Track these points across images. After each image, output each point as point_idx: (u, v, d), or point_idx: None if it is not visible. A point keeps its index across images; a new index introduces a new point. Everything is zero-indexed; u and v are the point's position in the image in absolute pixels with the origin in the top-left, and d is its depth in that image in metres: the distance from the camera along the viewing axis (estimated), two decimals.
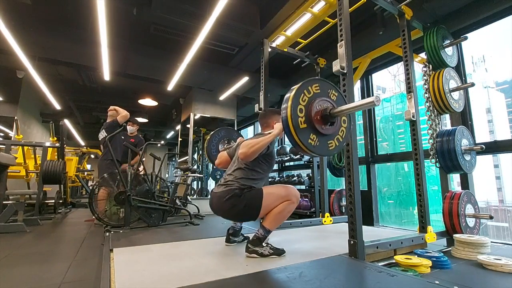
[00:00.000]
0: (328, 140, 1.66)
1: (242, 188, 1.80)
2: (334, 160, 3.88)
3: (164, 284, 1.29)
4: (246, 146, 1.73)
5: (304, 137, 1.55)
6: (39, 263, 1.83)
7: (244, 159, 1.79)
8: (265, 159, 1.91)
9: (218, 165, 2.27)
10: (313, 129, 1.58)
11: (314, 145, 1.58)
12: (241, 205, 1.76)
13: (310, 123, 1.58)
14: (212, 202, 1.90)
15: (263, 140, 1.75)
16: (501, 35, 4.65)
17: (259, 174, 1.90)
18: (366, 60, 3.51)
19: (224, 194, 1.80)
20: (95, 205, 3.02)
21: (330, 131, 1.65)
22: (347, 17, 1.99)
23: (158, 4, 3.20)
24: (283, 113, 1.53)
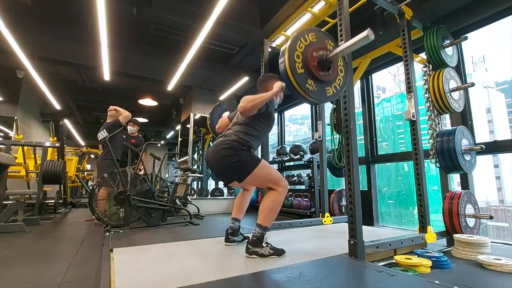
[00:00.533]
0: (326, 87, 1.75)
1: (240, 143, 1.81)
2: (334, 160, 3.87)
3: (164, 284, 1.29)
4: (246, 100, 1.74)
5: (302, 81, 1.63)
6: (39, 263, 1.83)
7: (244, 113, 1.80)
8: (264, 118, 1.94)
9: (218, 129, 2.25)
10: (311, 75, 1.67)
11: (312, 90, 1.67)
12: (234, 159, 1.77)
13: (308, 69, 1.66)
14: (209, 151, 1.91)
15: (263, 96, 1.78)
16: (501, 35, 4.65)
17: (257, 132, 1.92)
18: (366, 60, 3.51)
19: (221, 143, 1.82)
20: (95, 205, 3.02)
21: (328, 77, 1.74)
22: (347, 17, 1.99)
23: (158, 4, 3.20)
24: (280, 59, 1.61)
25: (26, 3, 3.34)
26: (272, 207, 1.80)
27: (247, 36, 3.82)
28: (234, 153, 1.78)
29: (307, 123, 17.78)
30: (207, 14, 3.19)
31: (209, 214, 4.56)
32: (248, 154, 1.83)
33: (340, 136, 3.77)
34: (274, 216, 1.84)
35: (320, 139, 3.58)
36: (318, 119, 3.66)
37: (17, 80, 5.26)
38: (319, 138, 3.59)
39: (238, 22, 3.55)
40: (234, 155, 1.78)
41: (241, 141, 1.82)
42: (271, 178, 1.84)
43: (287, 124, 8.18)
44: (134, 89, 6.42)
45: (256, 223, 1.81)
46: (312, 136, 5.01)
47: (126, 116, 3.51)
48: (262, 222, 1.79)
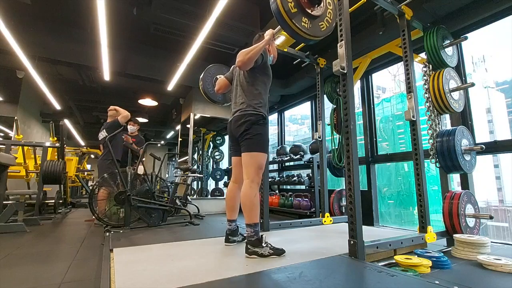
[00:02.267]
0: (319, 22, 1.89)
1: (257, 115, 1.93)
2: (334, 160, 3.88)
3: (164, 284, 1.29)
4: (242, 54, 1.86)
5: (298, 20, 1.76)
6: (39, 263, 1.83)
7: (242, 67, 1.91)
8: (262, 70, 2.03)
9: (218, 90, 2.29)
10: (304, 13, 1.80)
11: (308, 27, 1.80)
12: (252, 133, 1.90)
13: (300, 6, 1.78)
14: (231, 125, 2.03)
15: (256, 46, 1.88)
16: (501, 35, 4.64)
17: (261, 87, 2.02)
18: (366, 60, 3.51)
19: (240, 117, 1.95)
20: (95, 205, 3.02)
21: (319, 12, 1.87)
22: (347, 17, 1.99)
23: (158, 4, 3.20)
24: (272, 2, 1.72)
25: (26, 3, 3.34)
26: (251, 202, 1.84)
27: (247, 36, 3.81)
28: (251, 127, 1.90)
29: (307, 123, 17.77)
30: (207, 14, 3.19)
31: (209, 214, 4.56)
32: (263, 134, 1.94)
33: (340, 136, 3.77)
34: (257, 210, 1.87)
35: (320, 139, 3.58)
36: (318, 119, 3.66)
37: (17, 80, 5.26)
38: (319, 138, 3.60)
39: (238, 22, 3.55)
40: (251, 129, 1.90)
41: (257, 111, 1.93)
42: (255, 170, 1.89)
43: (287, 124, 8.18)
44: (134, 89, 6.42)
45: (245, 224, 1.84)
46: (312, 136, 5.01)
47: (125, 116, 3.51)
48: (250, 221, 1.82)
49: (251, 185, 1.86)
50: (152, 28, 3.82)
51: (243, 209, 1.86)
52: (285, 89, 5.23)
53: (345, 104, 1.90)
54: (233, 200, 2.15)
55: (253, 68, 1.95)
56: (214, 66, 3.08)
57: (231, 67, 2.35)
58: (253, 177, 1.88)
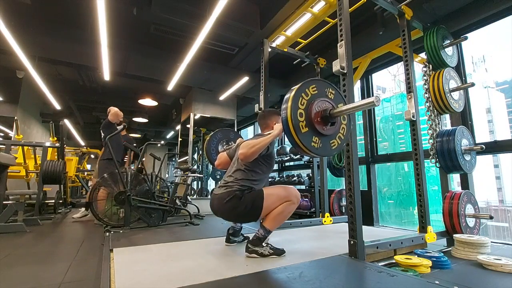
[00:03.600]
0: (331, 140, 1.68)
1: (242, 190, 1.79)
2: (334, 160, 3.88)
3: (164, 284, 1.29)
4: (246, 147, 1.73)
5: (307, 140, 1.56)
6: (39, 263, 1.83)
7: (244, 160, 1.78)
8: (265, 160, 1.91)
9: (218, 166, 2.27)
10: (315, 132, 1.59)
11: (317, 148, 1.60)
12: (242, 207, 1.75)
13: (311, 126, 1.58)
14: (213, 204, 1.89)
15: (263, 140, 1.75)
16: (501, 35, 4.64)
17: (259, 175, 1.89)
18: (366, 60, 3.51)
19: (224, 195, 1.79)
20: (95, 205, 3.02)
21: (332, 131, 1.66)
22: (347, 17, 1.99)
23: (158, 4, 3.20)
24: (283, 119, 1.53)
25: (26, 3, 3.34)
26: (283, 215, 1.80)
27: (247, 36, 3.81)
28: (238, 202, 1.76)
29: None
30: (207, 14, 3.19)
31: (209, 214, 4.55)
32: (250, 195, 1.79)
33: None
34: (282, 222, 1.85)
35: None
36: None
37: (17, 80, 5.26)
38: None
39: (238, 22, 3.55)
40: (239, 204, 1.76)
41: (243, 188, 1.80)
42: (280, 199, 1.80)
43: None
44: (134, 89, 6.42)
45: (262, 224, 1.82)
46: None
47: (113, 113, 3.42)
48: (268, 226, 1.79)
49: (294, 200, 1.81)
50: (152, 28, 3.82)
51: (272, 214, 1.79)
52: (285, 89, 5.23)
53: None
54: None
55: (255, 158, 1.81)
56: (221, 131, 3.10)
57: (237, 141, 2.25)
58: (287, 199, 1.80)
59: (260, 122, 2.07)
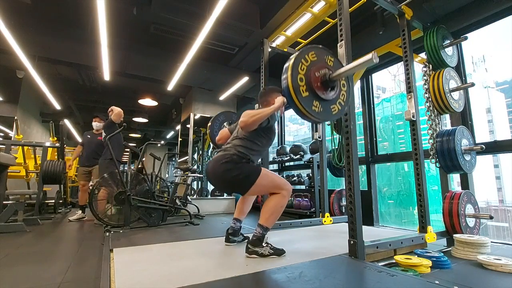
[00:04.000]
0: (331, 105, 1.75)
1: (240, 157, 1.81)
2: (334, 160, 3.88)
3: (164, 284, 1.29)
4: (247, 115, 1.74)
5: (308, 104, 1.63)
6: (39, 263, 1.83)
7: (245, 128, 1.79)
8: (265, 132, 1.92)
9: (218, 141, 2.26)
10: (316, 96, 1.67)
11: (318, 112, 1.67)
12: (235, 173, 1.76)
13: (312, 90, 1.65)
14: (208, 166, 1.89)
15: (264, 111, 1.76)
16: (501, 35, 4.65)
17: (257, 146, 1.91)
18: None
19: (221, 158, 1.81)
20: (95, 205, 3.02)
21: (332, 96, 1.74)
22: (347, 17, 1.99)
23: (158, 4, 3.20)
24: (284, 83, 1.59)
25: (26, 3, 3.34)
26: (275, 209, 1.81)
27: (247, 36, 3.81)
28: (234, 167, 1.77)
29: (307, 123, 17.75)
30: (207, 14, 3.19)
31: (209, 214, 4.56)
32: (248, 166, 1.82)
33: (340, 136, 3.77)
34: (277, 218, 1.85)
35: (320, 139, 3.58)
36: None
37: (17, 80, 5.26)
38: (319, 138, 3.60)
39: (238, 22, 3.55)
40: (234, 169, 1.77)
41: (240, 154, 1.82)
42: (273, 185, 1.83)
43: (287, 124, 8.18)
44: (134, 89, 6.42)
45: (258, 223, 1.82)
46: (312, 136, 5.01)
47: (116, 113, 3.42)
48: (264, 223, 1.80)
49: (284, 193, 1.83)
50: (152, 28, 3.82)
51: (265, 210, 1.82)
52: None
53: None
54: (244, 204, 2.16)
55: (256, 129, 1.83)
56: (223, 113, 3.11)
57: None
58: (280, 189, 1.83)
59: (261, 100, 2.07)
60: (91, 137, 3.97)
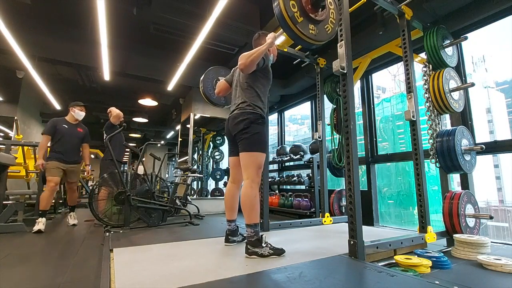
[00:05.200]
0: (325, 25, 1.88)
1: (256, 114, 1.94)
2: (334, 160, 3.88)
3: (164, 284, 1.29)
4: (244, 57, 1.83)
5: (306, 29, 1.74)
6: (39, 263, 1.83)
7: (244, 70, 1.88)
8: (263, 73, 2.03)
9: (218, 93, 2.31)
10: (310, 19, 1.78)
11: (316, 34, 1.79)
12: (253, 130, 1.90)
13: (305, 14, 1.76)
14: (228, 123, 2.04)
15: (259, 48, 1.84)
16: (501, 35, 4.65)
17: (260, 89, 2.02)
18: (366, 60, 3.51)
19: (238, 115, 1.95)
20: (95, 205, 3.02)
21: (323, 15, 1.85)
22: (347, 17, 1.99)
23: (158, 4, 3.20)
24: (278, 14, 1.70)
25: (26, 3, 3.34)
26: (251, 203, 1.83)
27: (247, 36, 3.81)
28: (252, 124, 1.90)
29: (307, 123, 17.79)
30: (207, 14, 3.19)
31: (209, 214, 4.56)
32: (261, 134, 1.94)
33: (340, 136, 3.77)
34: (258, 210, 1.87)
35: (320, 139, 3.58)
36: (318, 119, 3.66)
37: (17, 80, 5.26)
38: (319, 138, 3.60)
39: (238, 22, 3.55)
40: (250, 128, 1.90)
41: (255, 110, 1.94)
42: (255, 170, 1.89)
43: (287, 124, 8.18)
44: (134, 89, 6.42)
45: (245, 224, 1.84)
46: (312, 136, 5.01)
47: (115, 115, 3.44)
48: (250, 221, 1.82)
49: (252, 185, 1.86)
50: (152, 28, 3.82)
51: (243, 209, 1.86)
52: (285, 89, 5.23)
53: (345, 104, 1.90)
54: (232, 200, 2.16)
55: (254, 71, 1.94)
56: (212, 69, 3.08)
57: (232, 69, 2.34)
58: (253, 177, 1.88)
59: (255, 44, 2.14)
60: (70, 128, 3.35)
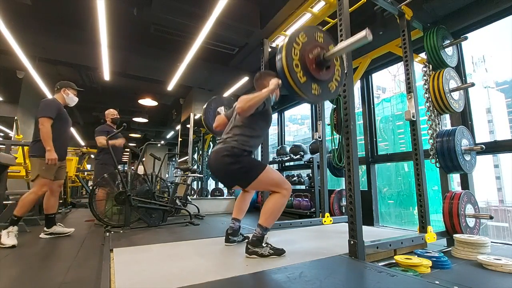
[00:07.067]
0: (328, 83, 1.75)
1: (241, 149, 1.81)
2: (334, 160, 3.88)
3: (164, 284, 1.29)
4: (244, 101, 1.74)
5: (307, 89, 1.63)
6: (39, 263, 1.83)
7: (242, 114, 1.79)
8: (262, 116, 1.93)
9: (216, 127, 2.24)
10: (313, 79, 1.66)
11: (318, 94, 1.67)
12: (237, 165, 1.78)
13: (309, 74, 1.64)
14: (210, 158, 1.91)
15: (260, 94, 1.75)
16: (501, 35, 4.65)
17: (256, 131, 1.92)
18: (366, 60, 3.51)
19: (222, 150, 1.82)
20: (95, 205, 3.02)
21: (328, 75, 1.73)
22: (347, 17, 1.99)
23: (158, 4, 3.20)
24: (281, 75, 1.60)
25: (26, 3, 3.34)
26: (275, 209, 1.81)
27: (247, 36, 3.82)
28: (236, 160, 1.78)
29: (307, 123, 17.79)
30: (207, 15, 3.20)
31: (209, 214, 4.56)
32: (250, 160, 1.84)
33: (340, 136, 3.77)
34: (276, 218, 1.85)
35: (320, 139, 3.58)
36: (318, 119, 3.66)
37: (17, 81, 5.26)
38: (319, 138, 3.60)
39: (238, 22, 3.55)
40: (236, 162, 1.78)
41: (241, 147, 1.82)
42: (274, 183, 1.84)
43: (287, 124, 8.19)
44: (134, 89, 6.43)
45: (258, 223, 1.82)
46: (312, 136, 5.01)
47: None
48: (263, 223, 1.79)
49: (284, 193, 1.83)
50: (152, 28, 3.82)
51: (265, 211, 1.81)
52: (285, 88, 5.22)
53: (345, 104, 1.90)
54: (243, 203, 2.17)
55: (252, 114, 1.82)
56: (215, 99, 3.12)
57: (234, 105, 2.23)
58: (279, 188, 1.83)
59: (256, 84, 2.07)
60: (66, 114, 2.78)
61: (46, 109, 2.57)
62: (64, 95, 2.79)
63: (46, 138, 2.45)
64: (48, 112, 2.56)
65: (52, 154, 2.44)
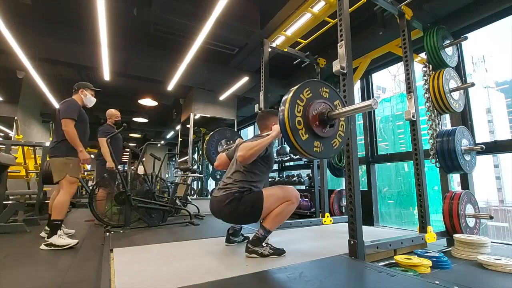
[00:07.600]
0: (332, 141, 1.67)
1: (241, 191, 1.79)
2: (334, 160, 3.88)
3: (164, 284, 1.29)
4: (245, 149, 1.72)
5: (309, 146, 1.55)
6: (40, 263, 1.84)
7: (243, 162, 1.77)
8: (264, 161, 1.90)
9: (217, 166, 2.27)
10: (316, 136, 1.58)
11: (320, 151, 1.59)
12: (241, 209, 1.75)
13: (311, 131, 1.56)
14: (213, 207, 1.90)
15: (261, 142, 1.73)
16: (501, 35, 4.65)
17: (258, 176, 1.89)
18: (366, 60, 3.51)
19: (223, 198, 1.78)
20: (95, 205, 3.02)
21: (331, 132, 1.65)
22: (347, 17, 1.99)
23: (158, 5, 3.20)
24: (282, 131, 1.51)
25: (26, 3, 3.34)
26: (282, 214, 1.80)
27: (247, 36, 3.82)
28: (238, 203, 1.76)
29: None
30: (207, 15, 3.19)
31: (209, 214, 4.54)
32: (250, 196, 1.79)
33: None
34: (281, 222, 1.85)
35: None
36: None
37: (17, 81, 5.26)
38: None
39: (238, 22, 3.55)
40: (239, 206, 1.76)
41: (242, 189, 1.80)
42: (280, 198, 1.81)
43: None
44: (134, 89, 6.42)
45: (261, 224, 1.82)
46: None
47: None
48: (268, 226, 1.79)
49: (293, 200, 1.82)
50: (152, 28, 3.82)
51: (272, 215, 1.80)
52: (285, 89, 5.22)
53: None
54: None
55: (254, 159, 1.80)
56: (217, 132, 3.14)
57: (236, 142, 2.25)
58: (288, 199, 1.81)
59: (259, 123, 2.07)
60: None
61: (69, 111, 2.55)
62: (82, 96, 2.85)
63: (74, 139, 2.45)
64: (71, 114, 2.54)
65: (85, 154, 2.49)
